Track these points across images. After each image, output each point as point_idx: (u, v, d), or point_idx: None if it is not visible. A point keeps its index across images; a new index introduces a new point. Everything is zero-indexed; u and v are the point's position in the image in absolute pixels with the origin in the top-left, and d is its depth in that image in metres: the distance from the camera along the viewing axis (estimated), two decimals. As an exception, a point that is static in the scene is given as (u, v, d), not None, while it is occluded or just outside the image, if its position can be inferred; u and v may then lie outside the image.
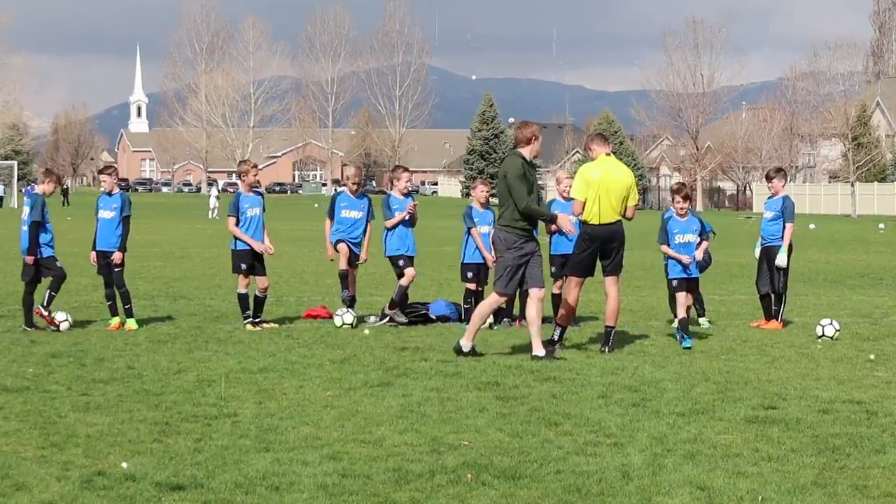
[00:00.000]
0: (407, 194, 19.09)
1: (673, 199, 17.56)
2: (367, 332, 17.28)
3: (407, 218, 18.64)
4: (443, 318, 18.76)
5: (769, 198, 19.11)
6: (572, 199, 16.24)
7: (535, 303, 15.17)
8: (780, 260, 18.08)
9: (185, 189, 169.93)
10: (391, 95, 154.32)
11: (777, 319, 18.30)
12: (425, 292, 23.04)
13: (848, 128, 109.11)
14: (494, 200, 17.23)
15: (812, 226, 66.99)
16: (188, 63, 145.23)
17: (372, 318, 18.76)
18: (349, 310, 18.34)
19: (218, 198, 77.17)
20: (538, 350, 14.97)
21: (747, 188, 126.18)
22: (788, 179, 16.14)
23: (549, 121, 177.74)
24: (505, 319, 18.49)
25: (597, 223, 15.70)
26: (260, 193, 19.04)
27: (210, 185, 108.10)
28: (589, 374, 13.85)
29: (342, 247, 18.76)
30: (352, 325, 17.99)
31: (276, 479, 8.90)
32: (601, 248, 15.79)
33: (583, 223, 15.88)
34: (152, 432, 10.49)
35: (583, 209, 15.73)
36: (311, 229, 57.63)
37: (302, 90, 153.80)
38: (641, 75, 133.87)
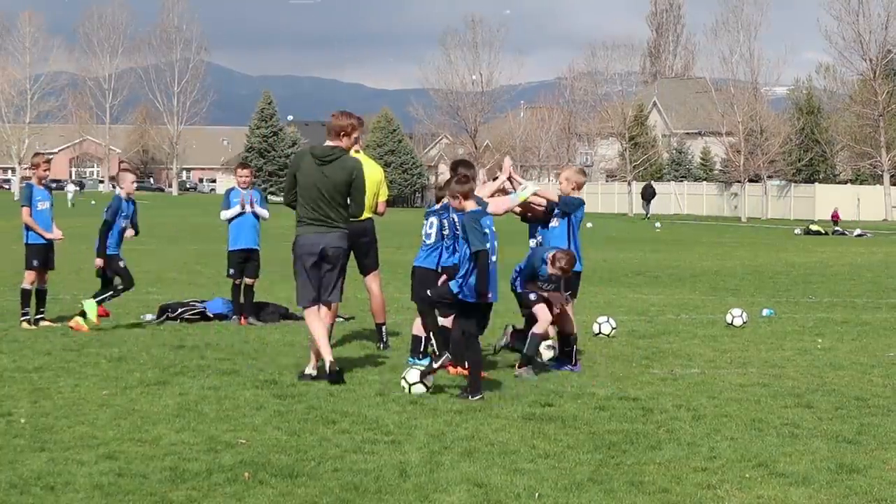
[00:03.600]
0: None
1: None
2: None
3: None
4: (220, 316, 18.64)
5: None
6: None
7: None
8: None
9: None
10: (169, 92, 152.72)
11: None
12: (204, 291, 22.80)
13: (625, 127, 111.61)
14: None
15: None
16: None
17: (148, 316, 18.53)
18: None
19: None
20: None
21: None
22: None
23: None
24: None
25: None
26: (49, 188, 18.55)
27: None
28: (366, 373, 13.89)
29: None
30: None
31: (52, 479, 8.71)
32: (353, 244, 15.00)
33: None
34: (-78, 434, 10.16)
35: None
36: (87, 225, 56.53)
37: (79, 86, 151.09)
38: (421, 74, 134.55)
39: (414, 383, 12.54)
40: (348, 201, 13.59)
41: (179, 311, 18.50)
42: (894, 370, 14.89)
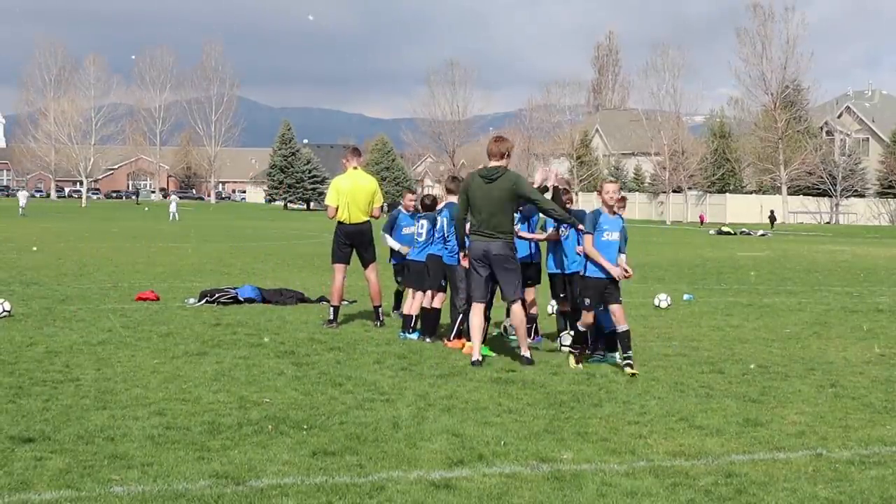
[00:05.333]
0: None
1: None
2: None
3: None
4: (249, 300, 18.58)
5: None
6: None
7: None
8: None
9: (37, 195, 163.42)
10: (208, 120, 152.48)
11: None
12: (234, 279, 22.74)
13: (573, 149, 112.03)
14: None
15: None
16: (39, 91, 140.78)
17: (191, 300, 18.47)
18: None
19: (28, 199, 76.40)
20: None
21: None
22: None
23: (335, 142, 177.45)
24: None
25: (348, 223, 15.77)
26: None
27: (19, 190, 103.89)
28: (366, 345, 13.87)
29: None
30: None
31: (112, 432, 8.67)
32: (355, 242, 15.80)
33: (338, 223, 15.78)
34: (7, 395, 10.10)
35: (336, 213, 15.70)
36: (142, 228, 56.40)
37: (135, 114, 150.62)
38: (410, 106, 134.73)
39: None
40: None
41: (216, 295, 18.43)
42: (790, 343, 14.93)
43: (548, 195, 13.41)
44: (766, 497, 7.26)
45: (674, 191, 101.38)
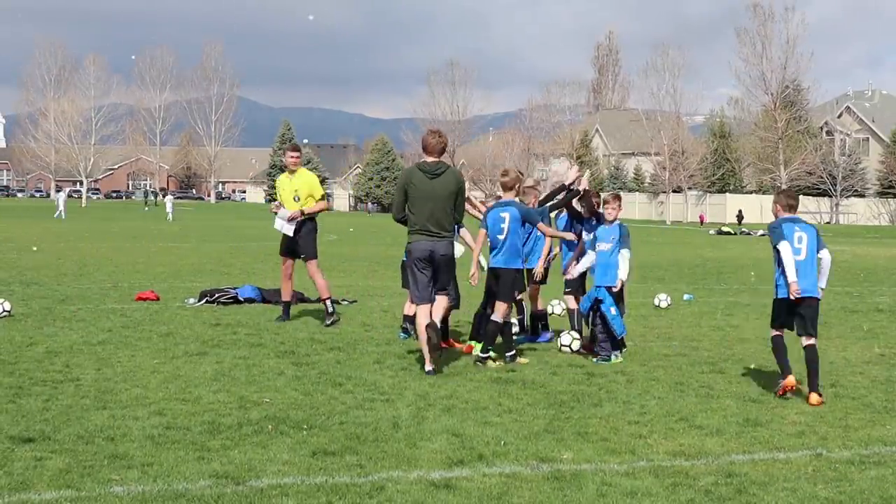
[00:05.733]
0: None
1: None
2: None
3: None
4: (249, 300, 18.59)
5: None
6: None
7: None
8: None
9: (37, 195, 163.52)
10: (208, 120, 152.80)
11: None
12: (235, 279, 22.74)
13: (573, 149, 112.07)
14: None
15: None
16: (39, 91, 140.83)
17: (191, 300, 18.47)
18: None
19: (65, 201, 74.98)
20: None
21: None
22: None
23: (335, 142, 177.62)
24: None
25: None
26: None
27: (58, 191, 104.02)
28: (366, 345, 13.87)
29: None
30: None
31: (112, 431, 8.67)
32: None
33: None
34: (7, 395, 10.10)
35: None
36: (140, 229, 56.42)
37: (135, 114, 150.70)
38: (410, 106, 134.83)
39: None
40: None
41: (216, 295, 18.43)
42: (790, 343, 14.89)
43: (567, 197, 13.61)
44: (766, 497, 7.26)
45: (674, 191, 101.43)
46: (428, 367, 11.73)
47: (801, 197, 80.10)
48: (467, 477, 7.61)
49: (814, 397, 10.43)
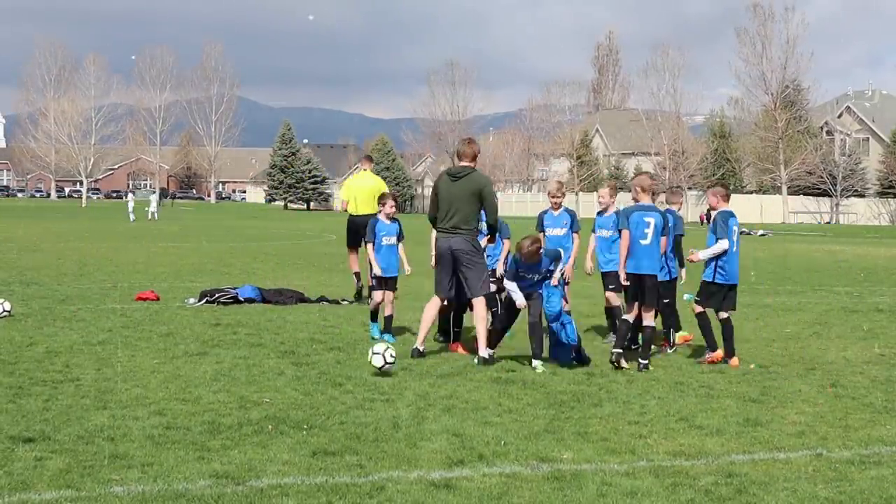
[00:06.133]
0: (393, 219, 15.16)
1: None
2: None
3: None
4: (249, 300, 18.59)
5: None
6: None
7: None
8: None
9: (37, 195, 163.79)
10: (208, 120, 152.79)
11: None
12: (234, 279, 22.75)
13: (573, 149, 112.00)
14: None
15: None
16: (39, 91, 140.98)
17: (191, 300, 18.47)
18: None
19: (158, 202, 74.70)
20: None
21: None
22: (525, 190, 13.49)
23: (335, 142, 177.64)
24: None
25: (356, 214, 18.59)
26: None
27: (132, 192, 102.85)
28: (366, 345, 13.84)
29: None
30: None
31: (112, 432, 8.68)
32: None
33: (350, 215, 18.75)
34: (7, 395, 10.10)
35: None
36: (139, 229, 56.42)
37: (135, 114, 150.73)
38: (410, 106, 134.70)
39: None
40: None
41: (216, 295, 18.43)
42: (790, 343, 14.93)
43: None
44: (766, 497, 7.26)
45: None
46: (417, 345, 12.87)
47: (801, 197, 79.50)
48: (467, 477, 7.61)
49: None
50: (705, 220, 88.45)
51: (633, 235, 12.58)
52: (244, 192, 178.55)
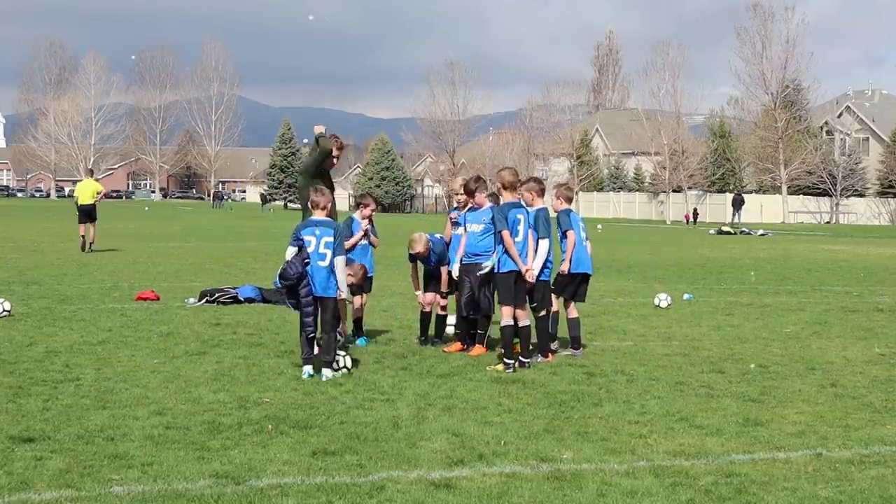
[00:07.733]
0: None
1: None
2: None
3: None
4: (249, 300, 18.59)
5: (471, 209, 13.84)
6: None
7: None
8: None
9: (37, 194, 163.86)
10: (208, 119, 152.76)
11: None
12: (235, 279, 22.74)
13: (573, 149, 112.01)
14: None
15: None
16: (39, 91, 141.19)
17: (191, 300, 18.46)
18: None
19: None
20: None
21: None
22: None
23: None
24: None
25: None
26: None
27: (221, 198, 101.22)
28: (364, 346, 13.86)
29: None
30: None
31: (112, 431, 8.68)
32: None
33: None
34: (7, 395, 10.10)
35: None
36: (142, 228, 56.41)
37: (135, 114, 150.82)
38: (410, 105, 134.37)
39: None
40: None
41: (216, 295, 18.44)
42: (790, 343, 14.93)
43: None
44: (766, 497, 7.26)
45: (674, 190, 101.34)
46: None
47: (801, 196, 79.37)
48: (467, 477, 7.62)
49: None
50: (691, 219, 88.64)
51: (513, 234, 12.32)
52: (244, 191, 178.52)
